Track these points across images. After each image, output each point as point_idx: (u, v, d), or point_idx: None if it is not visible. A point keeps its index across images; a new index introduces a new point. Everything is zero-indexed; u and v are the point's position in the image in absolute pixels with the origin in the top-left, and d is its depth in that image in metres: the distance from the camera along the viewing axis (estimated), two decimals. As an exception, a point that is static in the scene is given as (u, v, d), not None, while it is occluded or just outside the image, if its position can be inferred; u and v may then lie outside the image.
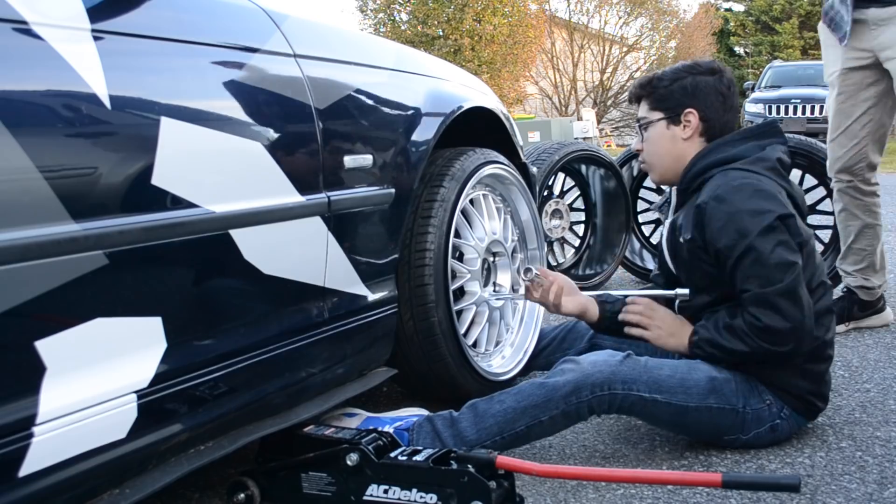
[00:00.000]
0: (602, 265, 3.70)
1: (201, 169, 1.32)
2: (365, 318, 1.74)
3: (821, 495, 1.53)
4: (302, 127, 1.55)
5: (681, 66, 1.95)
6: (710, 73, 1.91)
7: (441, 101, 2.06)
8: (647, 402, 1.71)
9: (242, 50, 1.46)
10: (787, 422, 1.77)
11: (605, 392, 1.69)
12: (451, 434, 1.69)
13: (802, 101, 13.53)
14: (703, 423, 1.75)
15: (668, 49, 25.07)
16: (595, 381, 1.69)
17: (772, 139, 1.87)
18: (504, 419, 1.69)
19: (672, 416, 1.74)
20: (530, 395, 1.70)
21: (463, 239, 2.09)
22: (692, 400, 1.72)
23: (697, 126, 1.89)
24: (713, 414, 1.73)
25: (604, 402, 1.70)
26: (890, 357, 2.44)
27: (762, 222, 1.69)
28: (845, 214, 2.75)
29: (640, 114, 1.99)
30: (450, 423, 1.71)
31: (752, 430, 1.75)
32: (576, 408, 1.69)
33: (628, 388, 1.69)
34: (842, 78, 2.65)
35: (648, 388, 1.70)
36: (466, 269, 2.08)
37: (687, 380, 1.73)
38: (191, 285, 1.32)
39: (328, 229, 1.59)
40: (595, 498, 1.55)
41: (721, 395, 1.73)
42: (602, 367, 1.71)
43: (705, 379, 1.74)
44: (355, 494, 1.46)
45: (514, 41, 19.90)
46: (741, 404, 1.74)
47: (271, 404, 1.51)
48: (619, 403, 1.71)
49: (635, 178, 3.86)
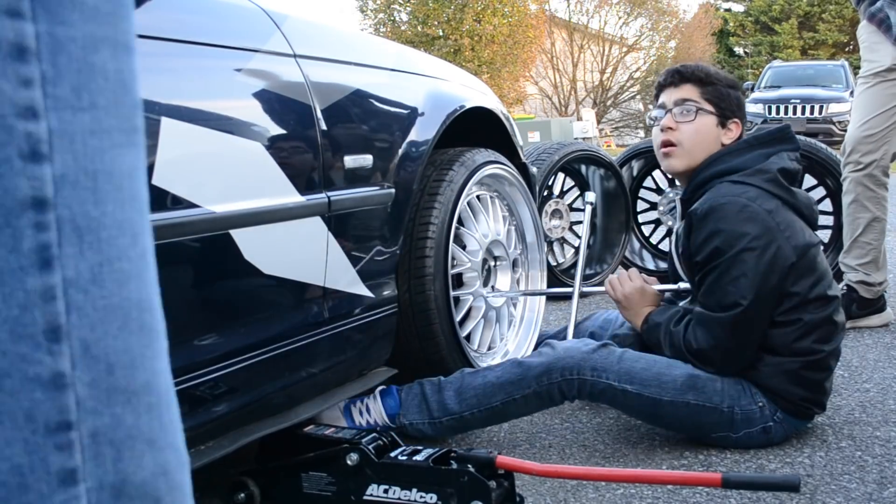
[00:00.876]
0: (602, 265, 3.70)
1: (201, 169, 1.32)
2: (365, 318, 1.74)
3: (820, 495, 1.53)
4: (302, 127, 1.55)
5: (725, 78, 1.96)
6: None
7: (441, 101, 2.06)
8: (616, 391, 1.75)
9: (242, 50, 1.46)
10: (780, 425, 1.77)
11: (575, 377, 1.76)
12: (437, 400, 1.81)
13: (802, 101, 13.52)
14: (681, 418, 1.76)
15: (667, 49, 25.08)
16: (565, 365, 1.77)
17: (781, 146, 1.85)
18: (483, 392, 1.79)
19: (645, 408, 1.77)
20: (508, 372, 1.80)
21: (463, 240, 2.09)
22: (666, 394, 1.74)
23: (736, 136, 1.91)
24: (692, 410, 1.75)
25: (573, 386, 1.76)
26: (890, 357, 2.44)
27: (735, 246, 1.72)
28: (855, 206, 2.77)
29: (687, 95, 1.91)
30: (437, 389, 1.82)
31: (742, 430, 1.75)
32: (546, 388, 1.77)
33: (597, 375, 1.75)
34: (885, 74, 2.72)
35: (619, 377, 1.75)
36: (468, 258, 2.08)
37: (663, 374, 1.76)
38: (191, 285, 1.32)
39: (328, 229, 1.59)
40: (595, 498, 1.56)
41: (701, 392, 1.75)
42: (574, 352, 1.79)
43: (684, 375, 1.76)
44: (355, 494, 1.46)
45: (514, 41, 19.91)
46: (726, 404, 1.75)
47: (271, 404, 1.51)
48: (590, 390, 1.76)
49: (635, 178, 3.85)
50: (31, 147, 0.44)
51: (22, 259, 0.44)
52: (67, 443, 0.45)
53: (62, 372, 0.45)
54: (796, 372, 1.75)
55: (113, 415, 0.46)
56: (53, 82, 0.45)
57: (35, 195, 0.44)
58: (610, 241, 3.74)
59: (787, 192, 1.80)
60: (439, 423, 1.81)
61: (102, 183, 0.47)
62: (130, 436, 0.47)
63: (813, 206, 1.88)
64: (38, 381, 0.44)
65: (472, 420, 1.81)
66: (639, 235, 3.91)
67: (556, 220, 3.65)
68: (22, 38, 0.44)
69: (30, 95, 0.44)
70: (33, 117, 0.44)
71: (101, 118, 0.47)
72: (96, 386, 0.46)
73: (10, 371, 0.44)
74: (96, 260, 0.46)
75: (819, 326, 1.76)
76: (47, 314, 0.44)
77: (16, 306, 0.44)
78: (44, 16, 0.45)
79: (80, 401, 0.45)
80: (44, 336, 0.44)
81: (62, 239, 0.45)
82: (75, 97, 0.46)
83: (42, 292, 0.44)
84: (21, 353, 0.44)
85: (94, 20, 0.47)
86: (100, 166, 0.47)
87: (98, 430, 0.46)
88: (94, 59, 0.47)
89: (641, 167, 3.84)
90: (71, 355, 0.45)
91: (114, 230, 0.47)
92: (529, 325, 2.31)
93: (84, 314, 0.46)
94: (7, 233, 0.44)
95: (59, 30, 0.46)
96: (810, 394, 1.78)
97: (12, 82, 0.44)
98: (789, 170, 1.82)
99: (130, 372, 0.48)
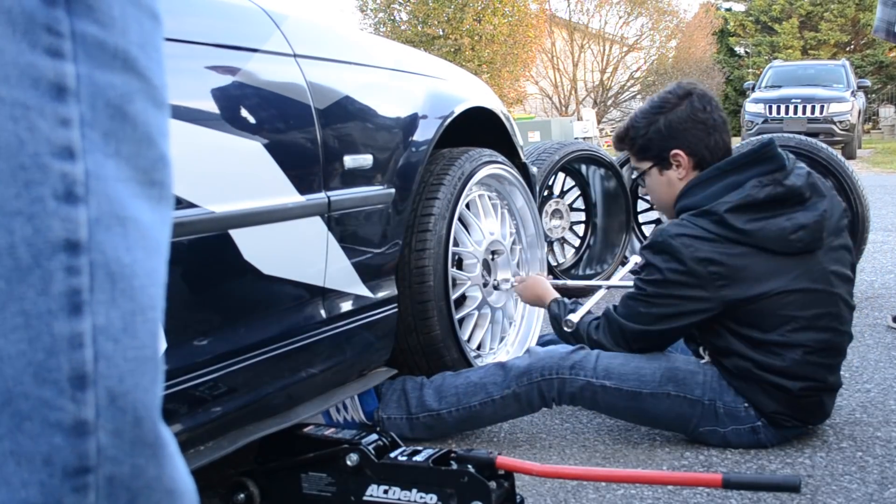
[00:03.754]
0: (602, 265, 3.70)
1: (201, 169, 1.31)
2: (365, 318, 1.74)
3: (821, 495, 1.53)
4: (302, 127, 1.54)
5: (650, 108, 1.88)
6: (680, 101, 1.84)
7: (441, 100, 2.06)
8: (595, 388, 1.76)
9: (242, 50, 1.46)
10: (768, 428, 1.75)
11: (554, 376, 1.78)
12: (416, 396, 1.85)
13: (802, 100, 13.52)
14: (664, 411, 1.76)
15: (668, 49, 25.06)
16: (545, 365, 1.80)
17: (756, 169, 1.73)
18: (464, 391, 1.83)
19: (626, 402, 1.77)
20: (490, 373, 1.84)
21: (461, 245, 2.09)
22: (646, 387, 1.75)
23: (688, 162, 1.84)
24: (673, 402, 1.75)
25: (552, 387, 1.78)
26: (890, 357, 2.44)
27: (650, 275, 1.76)
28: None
29: (633, 164, 1.97)
30: (419, 386, 1.86)
31: (730, 426, 1.74)
32: (526, 389, 1.79)
33: (575, 372, 1.78)
34: None
35: (596, 373, 1.77)
36: (467, 273, 2.08)
37: (642, 367, 1.77)
38: (191, 285, 1.32)
39: (328, 229, 1.59)
40: (595, 498, 1.55)
41: (681, 384, 1.75)
42: (553, 353, 1.83)
43: (663, 368, 1.77)
44: (355, 494, 1.46)
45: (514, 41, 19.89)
46: (707, 397, 1.75)
47: (271, 404, 1.51)
48: (569, 389, 1.78)
49: (635, 178, 3.85)
50: (66, 188, 0.43)
51: (51, 302, 0.43)
52: (83, 485, 0.44)
53: (85, 420, 0.44)
54: (768, 390, 1.72)
55: (134, 465, 0.46)
56: (91, 125, 0.45)
57: (68, 237, 0.43)
58: (610, 241, 3.74)
59: (736, 232, 1.68)
60: (416, 419, 1.83)
61: (131, 230, 0.46)
62: (149, 486, 0.47)
63: (789, 234, 1.69)
64: (59, 426, 0.43)
65: (449, 419, 1.83)
66: (639, 235, 3.91)
67: (556, 220, 3.65)
68: (62, 78, 0.44)
69: (67, 135, 0.44)
70: (70, 157, 0.44)
71: (123, 167, 0.46)
72: (120, 436, 0.45)
73: (31, 415, 0.43)
74: (129, 308, 0.45)
75: (781, 370, 1.70)
76: (73, 361, 0.43)
77: (41, 350, 0.43)
78: (85, 59, 0.45)
79: (102, 448, 0.44)
80: (68, 383, 0.43)
81: (94, 284, 0.44)
82: (104, 142, 0.45)
83: (70, 338, 0.43)
84: (44, 397, 0.43)
85: (132, 70, 0.47)
86: (128, 213, 0.46)
87: (115, 476, 0.45)
88: (128, 109, 0.47)
89: (642, 167, 3.84)
90: (96, 404, 0.44)
91: (145, 279, 0.47)
92: (529, 324, 2.31)
93: (113, 364, 0.45)
94: (37, 274, 0.43)
95: (99, 74, 0.45)
96: (783, 408, 1.73)
97: (49, 121, 0.43)
98: (752, 203, 1.69)
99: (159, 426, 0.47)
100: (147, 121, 0.48)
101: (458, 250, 2.08)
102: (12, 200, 0.42)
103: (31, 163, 0.43)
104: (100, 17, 0.45)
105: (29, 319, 0.43)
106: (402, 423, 1.84)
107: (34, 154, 0.43)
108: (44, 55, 0.43)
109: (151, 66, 0.49)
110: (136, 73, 0.47)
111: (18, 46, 0.42)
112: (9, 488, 0.43)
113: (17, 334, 0.43)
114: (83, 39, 0.44)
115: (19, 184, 0.42)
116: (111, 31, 0.46)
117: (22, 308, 0.43)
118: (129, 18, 0.47)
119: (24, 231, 0.42)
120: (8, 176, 0.42)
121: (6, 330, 0.42)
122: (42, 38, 0.43)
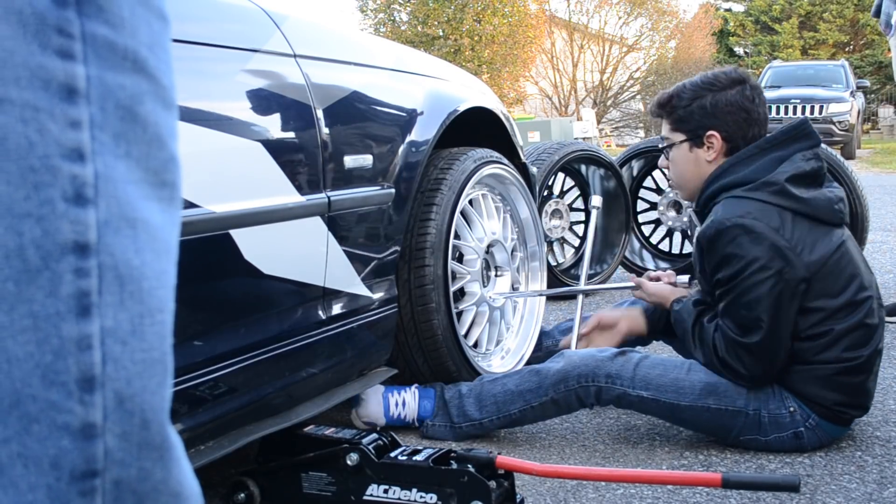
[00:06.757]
0: (602, 265, 3.70)
1: (202, 169, 1.31)
2: (365, 318, 1.74)
3: (820, 495, 1.53)
4: (302, 127, 1.55)
5: (700, 82, 1.85)
6: (731, 86, 1.82)
7: (441, 101, 2.06)
8: (632, 398, 1.76)
9: (242, 50, 1.46)
10: (814, 431, 1.72)
11: (590, 384, 1.78)
12: (457, 406, 1.86)
13: (802, 101, 13.51)
14: (704, 422, 1.75)
15: (667, 49, 25.07)
16: (581, 373, 1.78)
17: (796, 145, 1.77)
18: (503, 400, 1.83)
19: (664, 412, 1.78)
20: (526, 380, 1.83)
21: (463, 240, 2.09)
22: (685, 399, 1.73)
23: (721, 147, 1.82)
24: (713, 414, 1.73)
25: (589, 393, 1.78)
26: (890, 357, 2.44)
27: (745, 271, 1.68)
28: None
29: (663, 133, 1.93)
30: (458, 395, 1.88)
31: (772, 434, 1.72)
32: (564, 396, 1.79)
33: (612, 381, 1.76)
34: None
35: (634, 384, 1.75)
36: (466, 270, 2.08)
37: (681, 380, 1.75)
38: (191, 285, 1.32)
39: (328, 229, 1.59)
40: (595, 498, 1.55)
41: (723, 396, 1.73)
42: (588, 360, 1.80)
43: (703, 381, 1.74)
44: (355, 494, 1.46)
45: (514, 41, 19.89)
46: (752, 407, 1.72)
47: (271, 404, 1.51)
48: (606, 396, 1.78)
49: (635, 178, 3.85)
50: (75, 190, 0.43)
51: (59, 304, 0.43)
52: (90, 489, 0.44)
53: (93, 423, 0.44)
54: (830, 377, 1.70)
55: (141, 468, 0.46)
56: (101, 126, 0.44)
57: (77, 240, 0.43)
58: (610, 241, 3.74)
59: (797, 202, 1.71)
60: (459, 428, 1.86)
61: (141, 232, 0.46)
62: (156, 489, 0.46)
63: (834, 204, 1.75)
64: (66, 429, 0.43)
65: (491, 426, 1.86)
66: (639, 235, 3.91)
67: (556, 220, 3.65)
68: (72, 80, 0.44)
69: (77, 137, 0.43)
70: (80, 159, 0.43)
71: (133, 168, 0.46)
72: (127, 439, 0.45)
73: (38, 417, 0.43)
74: (137, 311, 0.45)
75: (850, 333, 1.69)
76: (81, 363, 0.43)
77: (49, 352, 0.43)
78: (95, 60, 0.44)
79: (109, 451, 0.44)
80: (76, 385, 0.43)
81: (103, 287, 0.44)
82: (115, 144, 0.45)
83: (78, 340, 0.43)
84: (51, 400, 0.43)
85: (142, 72, 0.47)
86: (138, 215, 0.46)
87: (122, 479, 0.45)
88: (138, 110, 0.46)
89: (641, 167, 3.84)
90: (104, 406, 0.44)
91: (154, 281, 0.46)
92: (529, 324, 2.31)
93: (121, 366, 0.44)
94: (45, 276, 0.43)
95: (109, 76, 0.45)
96: (846, 397, 1.71)
97: (59, 123, 0.43)
98: (803, 174, 1.73)
99: (166, 429, 0.47)
100: (157, 122, 0.48)
101: (458, 243, 2.08)
102: (22, 202, 0.42)
103: (41, 165, 0.42)
104: (110, 18, 0.45)
105: (37, 321, 0.43)
106: (446, 432, 1.87)
107: (44, 156, 0.43)
108: (54, 56, 0.43)
109: (161, 67, 0.49)
110: (146, 74, 0.47)
111: (29, 48, 0.42)
112: (16, 491, 0.43)
113: (26, 336, 0.42)
114: (93, 41, 0.44)
115: (29, 186, 0.42)
116: (121, 33, 0.46)
117: (30, 310, 0.42)
118: (139, 19, 0.47)
119: (34, 233, 0.42)
120: (17, 178, 0.42)
121: (14, 332, 0.42)
122: (53, 40, 0.43)
